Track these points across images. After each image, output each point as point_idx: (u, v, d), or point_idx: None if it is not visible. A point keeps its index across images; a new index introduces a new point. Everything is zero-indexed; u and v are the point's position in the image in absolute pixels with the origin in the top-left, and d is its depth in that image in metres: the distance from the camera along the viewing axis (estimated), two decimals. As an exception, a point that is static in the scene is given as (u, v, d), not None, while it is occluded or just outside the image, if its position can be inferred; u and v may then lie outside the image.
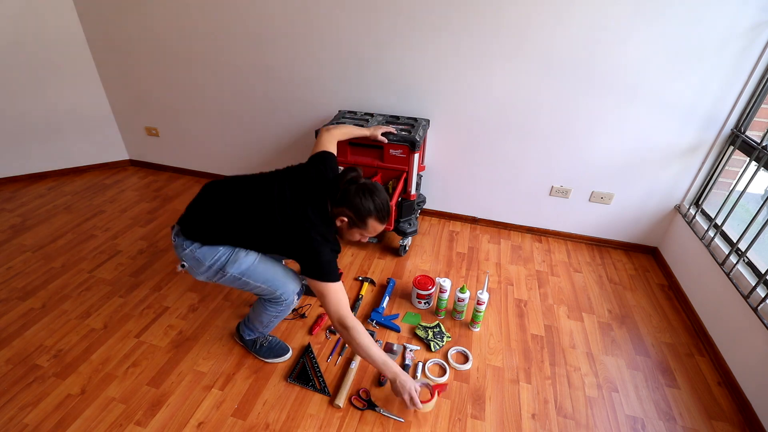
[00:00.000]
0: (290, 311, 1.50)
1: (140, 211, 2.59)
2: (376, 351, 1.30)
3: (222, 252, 1.30)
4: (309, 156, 1.48)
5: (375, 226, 1.31)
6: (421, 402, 1.31)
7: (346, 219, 1.29)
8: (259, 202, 1.27)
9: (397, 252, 2.22)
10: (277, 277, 1.36)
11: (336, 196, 1.28)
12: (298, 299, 1.44)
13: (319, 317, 1.78)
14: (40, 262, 2.10)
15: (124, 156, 3.15)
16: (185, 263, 1.32)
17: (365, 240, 1.40)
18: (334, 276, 1.26)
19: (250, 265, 1.32)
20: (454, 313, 1.81)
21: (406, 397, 1.30)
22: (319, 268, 1.24)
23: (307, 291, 1.91)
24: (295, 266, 1.40)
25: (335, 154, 1.51)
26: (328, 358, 1.61)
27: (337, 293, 1.27)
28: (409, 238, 2.20)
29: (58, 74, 2.66)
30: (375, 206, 1.27)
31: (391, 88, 2.21)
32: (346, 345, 1.41)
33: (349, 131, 1.79)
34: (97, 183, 2.91)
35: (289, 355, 1.59)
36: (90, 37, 2.63)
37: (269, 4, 2.14)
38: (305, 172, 1.37)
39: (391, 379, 1.33)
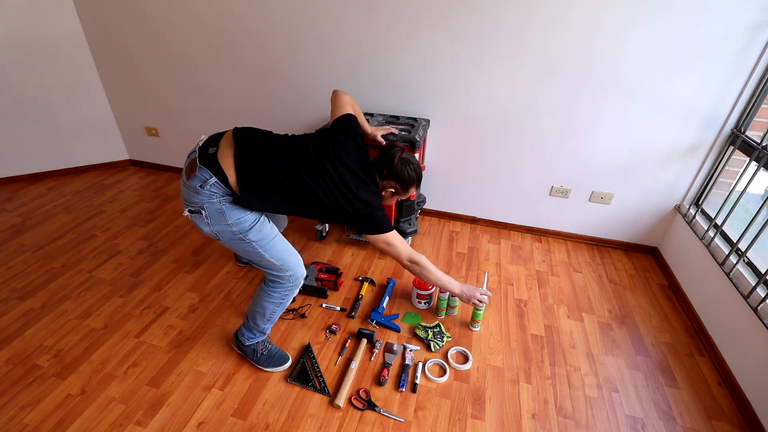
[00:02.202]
0: (293, 297, 1.48)
1: (140, 211, 2.59)
2: (444, 277, 1.58)
3: (249, 216, 1.30)
4: (331, 118, 1.58)
5: (412, 192, 1.54)
6: None
7: (392, 190, 1.49)
8: (319, 178, 1.33)
9: (397, 252, 2.22)
10: (291, 258, 1.41)
11: (384, 172, 1.46)
12: (301, 284, 1.48)
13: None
14: (40, 262, 2.10)
15: (124, 156, 3.16)
16: (202, 211, 1.24)
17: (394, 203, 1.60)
18: (389, 227, 1.45)
19: (271, 238, 1.35)
20: (448, 309, 1.82)
21: (475, 302, 1.65)
22: (381, 226, 1.43)
23: (302, 290, 1.91)
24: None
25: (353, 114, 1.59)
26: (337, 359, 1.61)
27: (399, 238, 1.47)
28: (409, 238, 2.20)
29: (58, 74, 2.66)
30: (417, 175, 1.49)
31: (391, 88, 2.21)
32: (418, 277, 1.55)
33: (359, 112, 1.79)
34: (97, 183, 2.91)
35: (289, 364, 1.56)
36: (90, 37, 2.63)
37: (269, 4, 2.14)
38: (344, 143, 1.43)
39: (459, 294, 1.64)
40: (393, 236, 1.45)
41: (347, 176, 1.37)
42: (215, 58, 2.41)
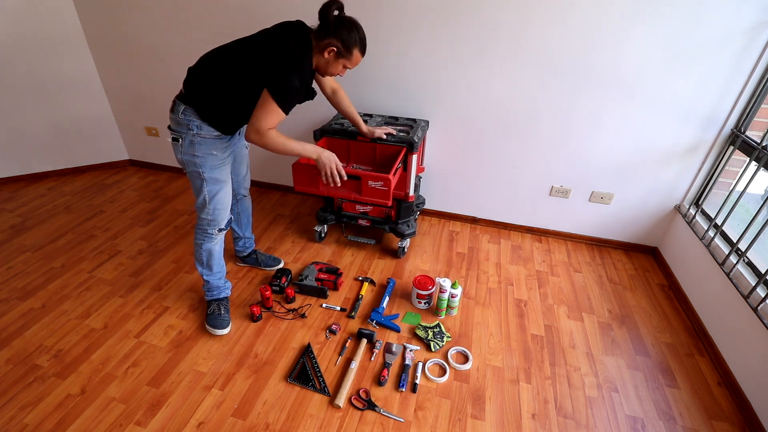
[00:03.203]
0: (213, 243, 1.63)
1: (140, 211, 2.59)
2: (293, 144, 1.43)
3: (215, 157, 1.47)
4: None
5: (358, 57, 1.44)
6: None
7: (334, 49, 1.38)
8: (246, 39, 1.40)
9: (396, 254, 2.22)
10: (221, 209, 1.56)
11: (321, 29, 1.37)
12: (220, 233, 1.63)
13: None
14: (40, 262, 2.10)
15: (124, 156, 3.15)
16: (180, 139, 1.42)
17: (343, 74, 1.51)
18: (286, 103, 1.33)
19: (219, 182, 1.51)
20: (448, 309, 1.82)
21: (327, 171, 1.52)
22: (281, 87, 1.30)
23: (302, 291, 1.91)
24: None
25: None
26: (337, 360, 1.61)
27: (275, 115, 1.33)
28: (408, 239, 2.19)
29: (58, 74, 2.66)
30: (359, 36, 1.40)
31: (391, 89, 2.21)
32: (265, 148, 1.41)
33: (352, 111, 1.84)
34: (97, 183, 2.91)
35: (223, 332, 1.69)
36: (90, 37, 2.63)
37: (269, 4, 2.14)
38: (289, 23, 1.43)
39: (315, 159, 1.52)
40: (275, 109, 1.31)
41: (279, 30, 1.37)
42: (215, 58, 2.41)
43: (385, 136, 1.90)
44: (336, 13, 1.36)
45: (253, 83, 1.33)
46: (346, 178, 1.57)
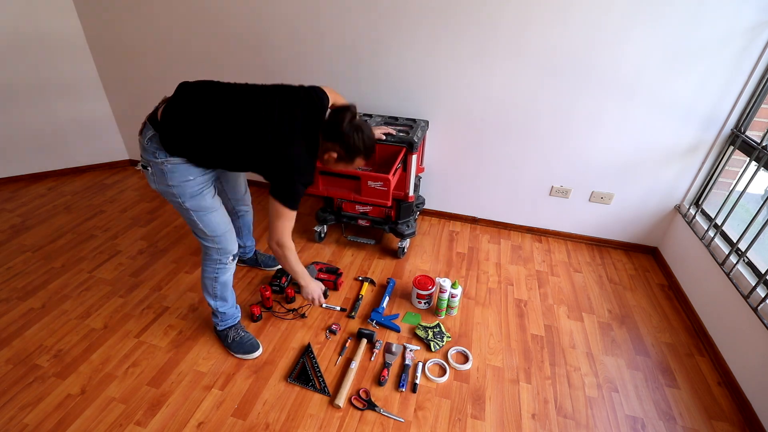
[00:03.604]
0: (228, 274, 1.54)
1: (140, 211, 2.59)
2: (299, 268, 1.49)
3: (191, 183, 1.31)
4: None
5: (359, 163, 1.41)
6: None
7: (335, 155, 1.35)
8: (248, 115, 1.25)
9: (396, 254, 2.22)
10: (225, 233, 1.45)
11: (329, 132, 1.32)
12: (233, 260, 1.53)
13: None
14: (40, 262, 2.10)
15: (124, 156, 3.15)
16: (149, 167, 1.29)
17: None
18: (295, 205, 1.33)
19: (210, 211, 1.38)
20: (448, 309, 1.82)
21: (313, 299, 1.61)
22: (288, 193, 1.30)
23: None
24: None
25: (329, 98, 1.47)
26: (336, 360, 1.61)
27: (290, 220, 1.35)
28: (408, 240, 2.19)
29: (59, 74, 2.66)
30: (365, 145, 1.34)
31: (391, 89, 2.21)
32: (277, 260, 1.46)
33: None
34: (97, 183, 2.91)
35: (258, 353, 1.61)
36: (90, 38, 2.63)
37: (269, 6, 2.14)
38: (296, 95, 1.34)
39: (303, 286, 1.57)
40: (288, 214, 1.32)
41: (288, 123, 1.27)
42: (216, 57, 2.41)
43: (384, 137, 1.90)
44: (347, 120, 1.30)
45: (249, 157, 1.29)
46: (323, 306, 1.70)
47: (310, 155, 1.34)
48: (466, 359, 1.63)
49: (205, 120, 1.24)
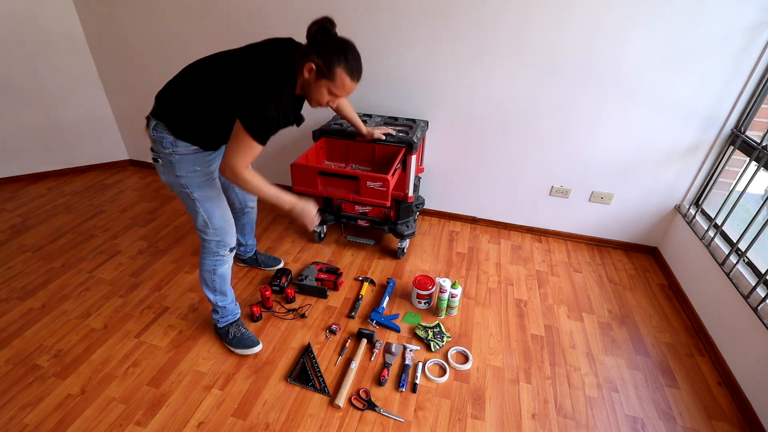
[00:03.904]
0: (226, 266, 1.54)
1: (140, 211, 2.59)
2: (270, 190, 1.29)
3: (199, 173, 1.35)
4: None
5: (344, 80, 1.20)
6: None
7: (314, 66, 1.17)
8: (227, 54, 1.28)
9: (396, 255, 2.22)
10: (225, 226, 1.46)
11: (305, 47, 1.21)
12: (231, 252, 1.53)
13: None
14: (40, 262, 2.10)
15: (124, 156, 3.16)
16: (159, 159, 1.32)
17: (333, 105, 1.32)
18: (264, 138, 1.18)
19: (213, 200, 1.41)
20: (448, 309, 1.82)
21: (307, 222, 1.41)
22: (258, 120, 1.15)
23: (302, 291, 1.91)
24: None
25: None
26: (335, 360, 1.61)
27: (250, 150, 1.18)
28: (407, 240, 2.19)
29: (58, 74, 2.66)
30: (347, 56, 1.18)
31: (391, 89, 2.21)
32: (243, 189, 1.31)
33: (351, 113, 1.79)
34: (97, 183, 2.91)
35: (258, 348, 1.62)
36: (90, 37, 2.63)
37: (268, 5, 2.14)
38: (273, 41, 1.31)
39: (289, 210, 1.36)
40: (253, 146, 1.17)
41: (261, 50, 1.25)
42: (215, 58, 2.41)
43: (383, 137, 1.90)
44: (322, 27, 1.21)
45: (228, 106, 1.21)
46: (315, 226, 1.46)
47: (288, 84, 1.21)
48: (466, 359, 1.63)
49: (191, 88, 1.28)
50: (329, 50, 1.17)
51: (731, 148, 1.88)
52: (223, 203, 1.46)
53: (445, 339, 1.69)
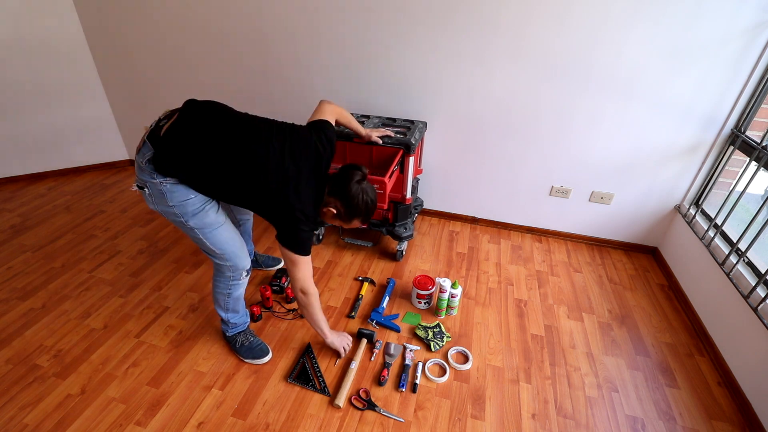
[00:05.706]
0: (242, 289, 1.51)
1: (140, 211, 2.59)
2: (322, 322, 1.49)
3: (193, 200, 1.25)
4: (307, 122, 1.46)
5: (356, 224, 1.41)
6: None
7: (335, 211, 1.35)
8: (255, 159, 1.22)
9: (394, 257, 2.22)
10: (233, 248, 1.39)
11: (335, 187, 1.34)
12: (246, 276, 1.49)
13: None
14: (40, 262, 2.10)
15: (124, 156, 3.16)
16: (146, 188, 1.23)
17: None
18: (306, 250, 1.33)
19: (215, 227, 1.32)
20: (448, 309, 1.82)
21: (340, 351, 1.57)
22: (295, 241, 1.29)
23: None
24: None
25: (333, 124, 1.49)
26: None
27: (307, 265, 1.35)
28: (405, 242, 2.19)
29: (58, 74, 2.66)
30: (367, 208, 1.36)
31: (389, 89, 2.21)
32: (300, 308, 1.47)
33: (348, 119, 1.74)
34: (97, 183, 2.91)
35: (268, 358, 1.59)
36: (90, 37, 2.63)
37: (268, 6, 2.14)
38: (306, 140, 1.33)
39: (329, 343, 1.55)
40: (303, 260, 1.32)
41: (293, 173, 1.26)
42: (215, 58, 2.41)
43: (380, 142, 1.87)
44: (356, 180, 1.33)
45: (255, 200, 1.28)
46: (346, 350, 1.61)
47: (314, 205, 1.34)
48: (466, 359, 1.63)
49: (210, 154, 1.20)
50: (353, 203, 1.33)
51: (731, 148, 1.88)
52: (229, 226, 1.38)
53: (445, 339, 1.69)
